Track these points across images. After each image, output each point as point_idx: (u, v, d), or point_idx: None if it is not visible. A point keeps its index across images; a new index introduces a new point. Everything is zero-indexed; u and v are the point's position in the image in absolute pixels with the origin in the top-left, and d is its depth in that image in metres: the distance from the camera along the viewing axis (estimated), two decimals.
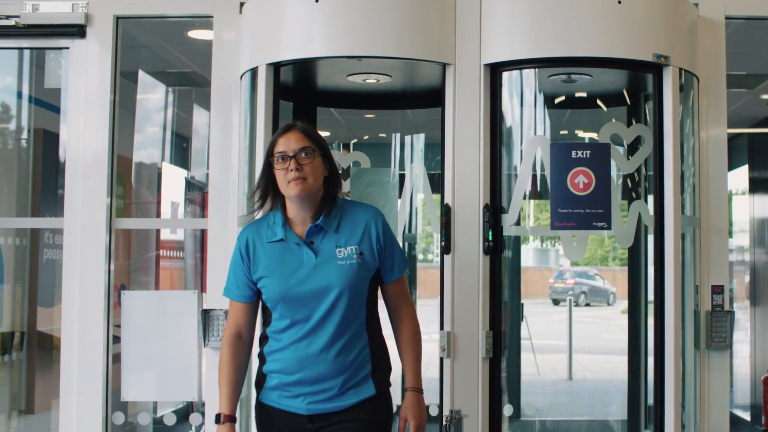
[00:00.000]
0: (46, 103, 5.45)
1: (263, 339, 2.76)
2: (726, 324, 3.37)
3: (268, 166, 2.68)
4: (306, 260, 2.66)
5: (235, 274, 2.74)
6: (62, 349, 3.54)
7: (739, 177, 7.96)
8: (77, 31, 3.54)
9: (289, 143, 2.64)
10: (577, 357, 10.47)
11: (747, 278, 7.58)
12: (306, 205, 2.67)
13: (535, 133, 3.25)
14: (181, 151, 7.09)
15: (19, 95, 5.26)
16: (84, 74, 3.54)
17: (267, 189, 2.69)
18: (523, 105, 3.28)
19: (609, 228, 3.06)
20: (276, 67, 3.16)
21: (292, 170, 2.61)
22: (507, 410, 3.33)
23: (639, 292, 3.57)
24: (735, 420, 7.79)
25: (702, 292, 3.41)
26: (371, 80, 3.50)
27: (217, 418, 2.63)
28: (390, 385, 2.75)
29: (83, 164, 3.50)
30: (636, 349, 3.74)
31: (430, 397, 4.00)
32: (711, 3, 3.43)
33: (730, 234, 8.32)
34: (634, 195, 3.43)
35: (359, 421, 2.67)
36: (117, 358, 3.55)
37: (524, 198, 3.24)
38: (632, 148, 3.32)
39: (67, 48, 3.60)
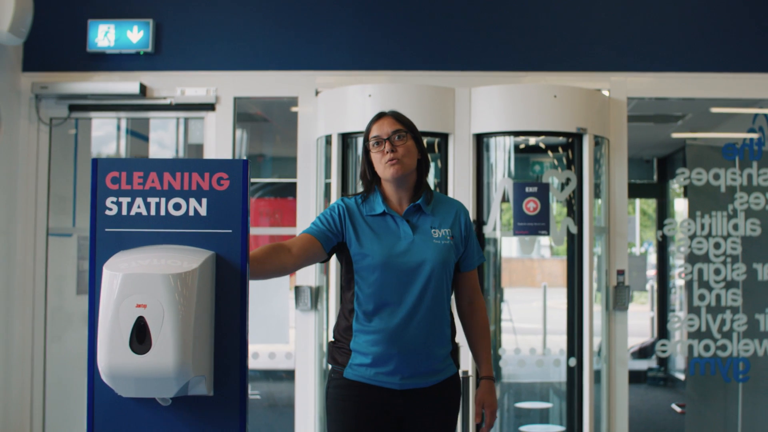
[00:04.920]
0: (138, 133, 7.20)
1: (347, 314, 2.78)
2: (625, 294, 5.17)
3: (366, 152, 2.81)
4: (403, 235, 2.72)
5: (321, 220, 2.75)
6: None
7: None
8: (210, 107, 5.26)
9: (383, 128, 2.77)
10: (552, 337, 11.98)
11: None
12: (402, 186, 2.77)
13: (504, 176, 5.10)
14: None
15: (118, 128, 7.01)
16: (214, 135, 5.29)
17: (365, 172, 2.80)
18: (497, 157, 5.13)
19: (548, 234, 4.93)
20: (343, 136, 4.99)
21: (387, 152, 2.71)
22: None
23: (573, 276, 5.24)
24: (675, 379, 9.66)
25: (610, 273, 5.19)
26: None
27: None
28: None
29: None
30: (572, 316, 5.15)
31: None
32: (617, 90, 5.26)
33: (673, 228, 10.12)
34: (567, 211, 5.26)
35: (444, 397, 2.79)
36: None
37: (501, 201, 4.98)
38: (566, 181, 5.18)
39: (203, 118, 5.32)
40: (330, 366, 2.84)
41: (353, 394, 2.72)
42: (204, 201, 2.11)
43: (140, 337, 1.90)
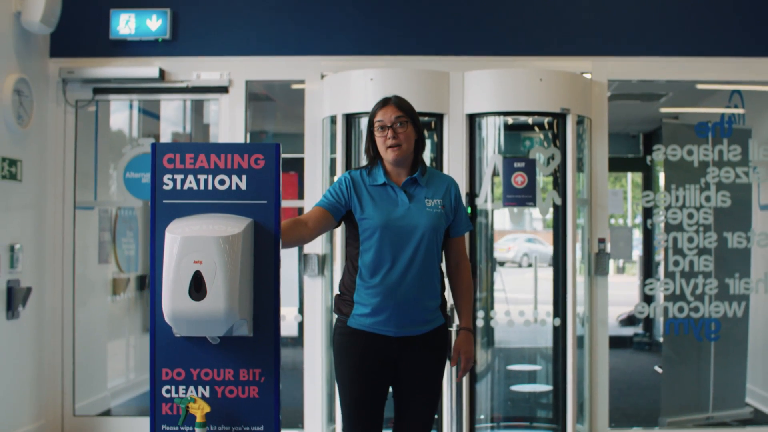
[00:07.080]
0: (150, 112, 7.61)
1: (352, 271, 3.16)
2: (605, 260, 5.60)
3: (370, 131, 3.17)
4: (401, 202, 3.08)
5: (331, 193, 3.13)
6: None
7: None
8: (223, 89, 5.67)
9: (387, 114, 3.10)
10: (542, 306, 12.37)
11: None
12: (401, 164, 3.13)
13: (494, 153, 5.54)
14: None
15: (130, 106, 7.41)
16: (228, 115, 5.70)
17: (369, 148, 3.18)
18: (488, 135, 5.58)
19: (535, 205, 5.38)
20: (347, 116, 5.41)
21: (389, 138, 3.07)
22: (480, 314, 5.64)
23: (558, 243, 5.63)
24: (659, 344, 10.08)
25: (592, 242, 5.63)
26: None
27: None
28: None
29: None
30: (557, 280, 5.58)
31: None
32: (598, 73, 5.68)
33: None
34: (552, 185, 5.71)
35: (434, 344, 3.16)
36: None
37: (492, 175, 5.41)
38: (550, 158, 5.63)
39: (217, 99, 5.75)
40: (336, 316, 3.24)
41: (355, 340, 3.10)
42: (244, 177, 2.59)
43: (197, 287, 2.38)
